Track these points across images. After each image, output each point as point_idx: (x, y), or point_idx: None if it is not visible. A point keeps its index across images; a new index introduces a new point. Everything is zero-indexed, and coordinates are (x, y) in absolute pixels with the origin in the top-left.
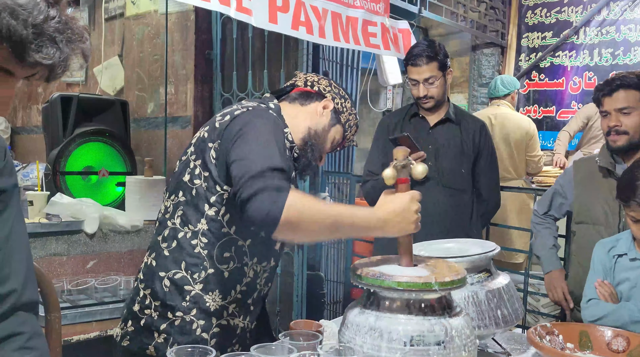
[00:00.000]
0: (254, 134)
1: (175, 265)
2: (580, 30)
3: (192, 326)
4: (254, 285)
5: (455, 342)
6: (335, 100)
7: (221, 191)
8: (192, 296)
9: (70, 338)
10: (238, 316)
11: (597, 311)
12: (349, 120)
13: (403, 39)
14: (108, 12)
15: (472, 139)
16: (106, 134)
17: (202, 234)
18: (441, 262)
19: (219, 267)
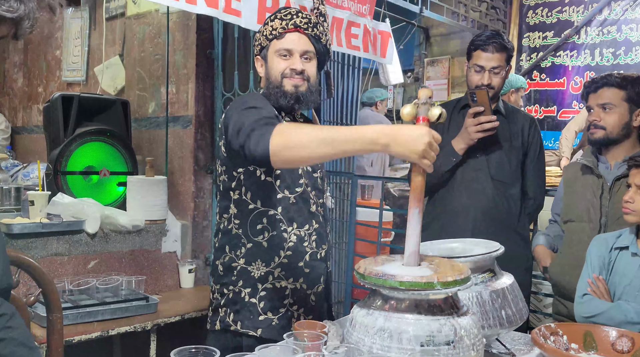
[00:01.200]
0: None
1: (223, 251)
2: (581, 30)
3: (240, 295)
4: (301, 248)
5: (465, 342)
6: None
7: (237, 174)
8: (238, 270)
9: (71, 338)
10: (286, 278)
11: (592, 308)
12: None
13: (382, 41)
14: (109, 11)
15: (521, 134)
16: (107, 133)
17: (234, 216)
18: (445, 261)
19: (255, 239)
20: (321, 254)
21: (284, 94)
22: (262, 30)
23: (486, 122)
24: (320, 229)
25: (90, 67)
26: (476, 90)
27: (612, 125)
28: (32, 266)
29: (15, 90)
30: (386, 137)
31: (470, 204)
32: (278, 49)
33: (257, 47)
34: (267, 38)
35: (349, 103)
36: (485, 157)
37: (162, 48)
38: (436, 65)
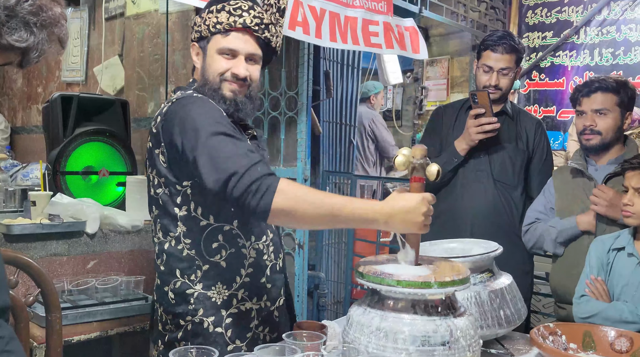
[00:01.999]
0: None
1: (172, 276)
2: (580, 30)
3: (203, 325)
4: (261, 263)
5: (460, 342)
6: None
7: (182, 188)
8: (195, 297)
9: (70, 338)
10: (250, 299)
11: (588, 308)
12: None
13: (411, 37)
14: (108, 11)
15: (527, 136)
16: (106, 133)
17: (183, 235)
18: (445, 262)
19: (212, 260)
20: (279, 265)
21: (222, 98)
22: (204, 17)
23: (487, 123)
24: (275, 238)
25: (89, 67)
26: (477, 92)
27: (607, 130)
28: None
29: (15, 90)
30: (384, 217)
31: (471, 204)
32: (221, 47)
33: (195, 33)
34: (209, 30)
35: (348, 103)
36: (487, 157)
37: (161, 48)
38: (435, 65)
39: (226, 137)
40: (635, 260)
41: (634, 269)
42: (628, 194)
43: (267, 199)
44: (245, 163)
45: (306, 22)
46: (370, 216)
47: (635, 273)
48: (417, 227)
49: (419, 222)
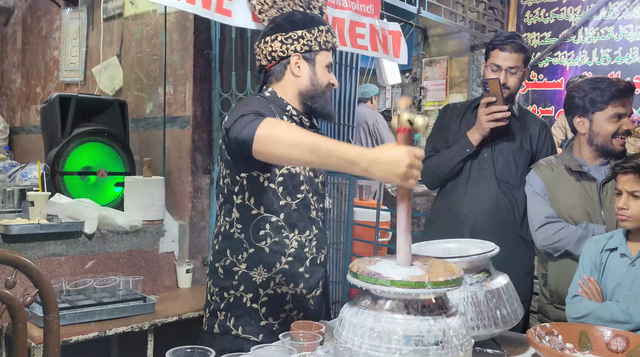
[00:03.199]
0: (237, 107)
1: (224, 254)
2: (578, 31)
3: (242, 300)
4: (301, 254)
5: (453, 342)
6: (296, 46)
7: (239, 178)
8: (239, 275)
9: (69, 339)
10: (287, 284)
11: (580, 308)
12: (317, 38)
13: (393, 41)
14: (107, 12)
15: (531, 137)
16: (105, 134)
17: (237, 220)
18: (439, 262)
19: (257, 245)
20: (320, 259)
21: (328, 102)
22: (314, 34)
23: (497, 111)
24: (319, 234)
25: (88, 68)
26: (488, 80)
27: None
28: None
29: (13, 90)
30: (366, 162)
31: (473, 203)
32: (328, 62)
33: (302, 46)
34: (320, 45)
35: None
36: (491, 157)
37: (159, 48)
38: (434, 65)
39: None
40: (627, 260)
41: (626, 270)
42: (622, 198)
43: (251, 128)
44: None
45: None
46: (351, 157)
47: (627, 273)
48: (398, 178)
49: (401, 173)
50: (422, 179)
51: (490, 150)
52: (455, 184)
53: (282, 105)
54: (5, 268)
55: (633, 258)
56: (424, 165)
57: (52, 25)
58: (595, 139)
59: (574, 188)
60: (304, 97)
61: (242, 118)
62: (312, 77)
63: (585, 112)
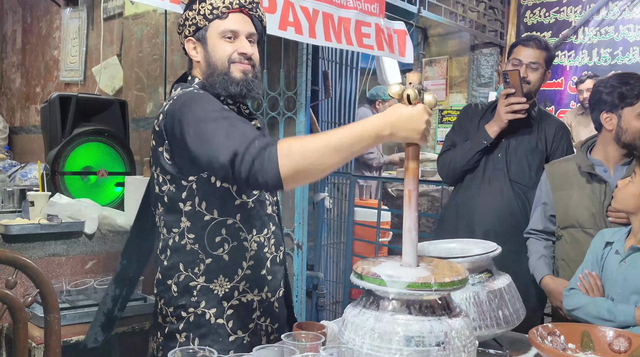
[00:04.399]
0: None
1: (176, 269)
2: (579, 30)
3: (205, 317)
4: (262, 255)
5: (455, 343)
6: (186, 31)
7: (187, 183)
8: (198, 290)
9: (69, 339)
10: (251, 291)
11: (574, 301)
12: (200, 11)
13: (398, 40)
14: (107, 11)
15: (547, 138)
16: (105, 134)
17: (187, 230)
18: (443, 262)
19: (215, 253)
20: (280, 257)
21: (233, 81)
22: (196, 9)
23: (515, 103)
24: (277, 231)
25: (88, 68)
26: (508, 71)
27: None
28: (29, 267)
29: (13, 90)
30: (389, 127)
31: (485, 202)
32: (222, 30)
33: (189, 28)
34: (205, 17)
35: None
36: (505, 157)
37: (159, 48)
38: (434, 65)
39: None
40: (619, 257)
41: (618, 266)
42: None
43: (273, 171)
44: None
45: (298, 22)
46: (373, 130)
47: (619, 270)
48: (418, 135)
49: (422, 129)
50: (440, 173)
51: (505, 150)
52: (468, 184)
53: (214, 95)
54: (5, 268)
55: (623, 255)
56: (442, 158)
57: (52, 24)
58: (624, 136)
59: (582, 189)
60: (208, 83)
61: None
62: (207, 58)
63: (613, 108)
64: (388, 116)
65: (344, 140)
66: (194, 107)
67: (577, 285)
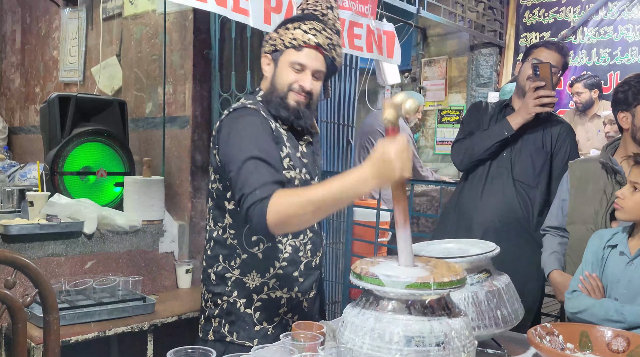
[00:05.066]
0: (236, 130)
1: (216, 260)
2: (578, 31)
3: (235, 306)
4: (296, 259)
5: (455, 343)
6: (266, 48)
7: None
8: (232, 281)
9: (68, 339)
10: (280, 288)
11: (578, 303)
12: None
13: (387, 41)
14: (106, 12)
15: (552, 138)
16: (104, 134)
17: (229, 226)
18: (441, 262)
19: (251, 250)
20: (315, 262)
21: (286, 107)
22: (280, 33)
23: (545, 96)
24: (314, 237)
25: (87, 68)
26: (539, 64)
27: None
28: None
29: (13, 90)
30: (363, 184)
31: (488, 201)
32: (293, 61)
33: (269, 46)
34: (284, 44)
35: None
36: (510, 156)
37: (159, 48)
38: (433, 65)
39: (255, 162)
40: (626, 258)
41: (624, 268)
42: (625, 187)
43: (262, 220)
44: (253, 185)
45: None
46: (352, 192)
47: (625, 271)
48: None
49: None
50: (454, 159)
51: (510, 150)
52: (471, 183)
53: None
54: (4, 268)
55: (631, 257)
56: (457, 145)
57: (51, 25)
58: (638, 134)
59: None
60: (267, 100)
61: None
62: (273, 78)
63: (628, 106)
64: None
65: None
66: (241, 131)
67: (578, 287)
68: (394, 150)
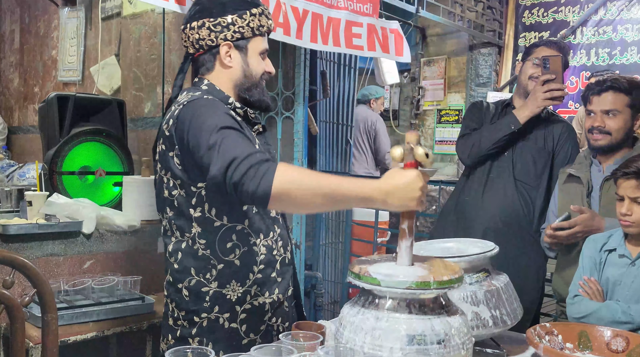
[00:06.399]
0: (198, 119)
1: (187, 273)
2: (577, 30)
3: (218, 322)
4: (271, 258)
5: (455, 340)
6: (226, 34)
7: (197, 189)
8: (211, 295)
9: (67, 339)
10: (262, 294)
11: (582, 308)
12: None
13: (395, 40)
14: (105, 11)
15: (553, 138)
16: (103, 133)
17: (198, 236)
18: (438, 261)
19: (227, 259)
20: (288, 258)
21: (265, 93)
22: (246, 19)
23: (556, 89)
24: (282, 232)
25: (86, 67)
26: (550, 57)
27: (617, 131)
28: (26, 267)
29: (11, 90)
30: (382, 194)
31: (489, 200)
32: (262, 49)
33: (232, 33)
34: (253, 31)
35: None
36: (511, 156)
37: (158, 48)
38: (432, 65)
39: (231, 130)
40: (627, 261)
41: (626, 270)
42: (625, 204)
43: (266, 183)
44: (245, 150)
45: (287, 23)
46: (367, 194)
47: (627, 273)
48: (414, 202)
49: (417, 197)
50: (461, 154)
51: (511, 149)
52: (472, 182)
53: (223, 99)
54: (3, 268)
55: (633, 258)
56: (463, 140)
57: (50, 24)
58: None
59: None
60: (239, 89)
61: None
62: (245, 68)
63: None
64: (385, 184)
65: (337, 191)
66: (203, 113)
67: (579, 292)
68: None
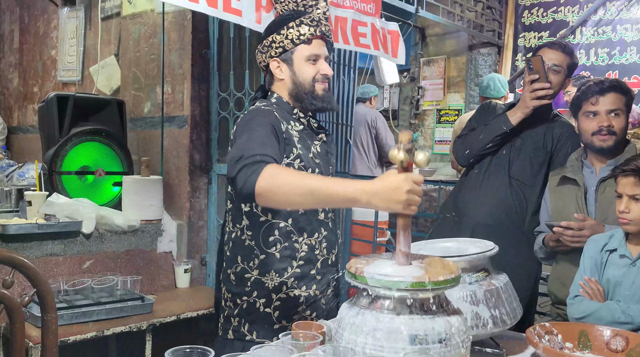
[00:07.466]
0: (246, 125)
1: (235, 261)
2: (576, 30)
3: (255, 306)
4: (312, 257)
5: (455, 339)
6: (271, 52)
7: None
8: (252, 281)
9: (66, 338)
10: (299, 287)
11: (582, 308)
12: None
13: (392, 41)
14: (104, 11)
15: (553, 138)
16: (103, 133)
17: (247, 228)
18: (436, 260)
19: (268, 251)
20: (332, 260)
21: (318, 97)
22: (284, 34)
23: (540, 89)
24: (329, 235)
25: (85, 67)
26: (531, 58)
27: (621, 130)
28: (26, 266)
29: (11, 90)
30: (366, 195)
31: (484, 198)
32: (308, 54)
33: (275, 49)
34: (293, 42)
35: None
36: (509, 154)
37: (157, 48)
38: (432, 65)
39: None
40: (627, 261)
41: (626, 270)
42: (623, 201)
43: (251, 181)
44: (248, 151)
45: None
46: (350, 195)
47: (627, 274)
48: (400, 205)
49: (402, 200)
50: (455, 154)
51: (509, 148)
52: (469, 180)
53: (288, 110)
54: (2, 268)
55: (634, 259)
56: (459, 141)
57: (49, 24)
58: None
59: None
60: (294, 99)
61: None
62: (293, 77)
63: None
64: (369, 186)
65: (320, 189)
66: (250, 120)
67: (579, 292)
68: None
